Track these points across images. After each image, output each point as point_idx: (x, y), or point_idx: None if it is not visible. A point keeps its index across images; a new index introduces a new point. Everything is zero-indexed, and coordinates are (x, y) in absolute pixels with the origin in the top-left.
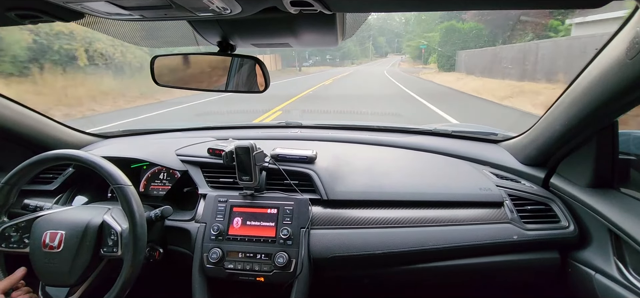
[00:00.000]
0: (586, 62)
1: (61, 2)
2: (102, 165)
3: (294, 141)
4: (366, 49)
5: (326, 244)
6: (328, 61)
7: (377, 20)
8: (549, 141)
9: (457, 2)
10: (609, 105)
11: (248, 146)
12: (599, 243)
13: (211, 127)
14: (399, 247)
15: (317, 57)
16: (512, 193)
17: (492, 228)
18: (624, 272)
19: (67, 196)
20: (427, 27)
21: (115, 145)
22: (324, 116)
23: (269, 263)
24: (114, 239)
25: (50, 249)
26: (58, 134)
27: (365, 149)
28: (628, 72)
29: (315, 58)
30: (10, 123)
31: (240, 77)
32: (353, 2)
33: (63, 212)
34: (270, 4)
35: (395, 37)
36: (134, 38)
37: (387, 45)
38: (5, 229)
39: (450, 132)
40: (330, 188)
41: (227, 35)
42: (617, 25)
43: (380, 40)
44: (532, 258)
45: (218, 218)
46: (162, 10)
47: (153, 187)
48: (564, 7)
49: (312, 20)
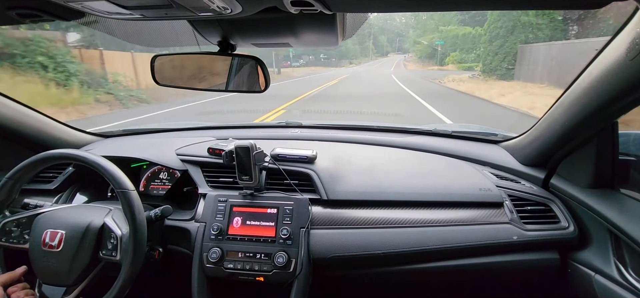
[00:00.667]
0: (586, 63)
1: (62, 1)
2: (106, 167)
3: (294, 141)
4: (366, 48)
5: (326, 244)
6: (322, 61)
7: (378, 20)
8: (549, 142)
9: (458, 3)
10: (609, 106)
11: (248, 146)
12: (598, 244)
13: (211, 127)
14: (398, 247)
15: (310, 57)
16: (512, 194)
17: (492, 228)
18: (624, 272)
19: (67, 195)
20: (442, 19)
21: (116, 145)
22: (325, 116)
23: (269, 263)
24: (114, 243)
25: (49, 248)
26: (58, 133)
27: (366, 149)
28: (628, 72)
29: (309, 57)
30: (10, 122)
31: (240, 77)
32: (353, 2)
33: (64, 211)
34: (270, 3)
35: (397, 36)
36: (135, 38)
37: (389, 44)
38: (7, 224)
39: (450, 133)
40: (330, 188)
41: (228, 35)
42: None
43: (381, 39)
44: (532, 259)
45: (218, 218)
46: (163, 9)
47: (153, 186)
48: (566, 7)
49: (312, 20)
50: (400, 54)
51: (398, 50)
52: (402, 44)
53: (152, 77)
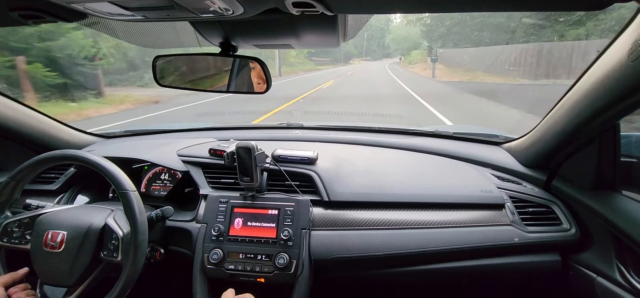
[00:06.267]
0: (588, 64)
1: (64, 2)
2: (107, 168)
3: (295, 142)
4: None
5: (327, 245)
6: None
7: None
8: (550, 143)
9: (459, 3)
10: (611, 108)
11: (249, 147)
12: (600, 245)
13: (212, 128)
14: (399, 249)
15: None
16: (513, 195)
17: (493, 230)
18: (626, 274)
19: (68, 196)
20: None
21: (117, 146)
22: (326, 117)
23: (270, 264)
24: (115, 244)
25: (51, 249)
26: (60, 133)
27: (367, 150)
28: (630, 74)
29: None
30: (12, 122)
31: (241, 78)
32: (355, 4)
33: (66, 211)
34: (272, 5)
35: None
36: (137, 39)
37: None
38: (8, 224)
39: (451, 134)
40: (331, 190)
41: (229, 36)
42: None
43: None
44: (533, 261)
45: (219, 219)
46: (165, 11)
47: (154, 187)
48: (567, 9)
49: (313, 22)
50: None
51: (386, 55)
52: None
53: (154, 77)
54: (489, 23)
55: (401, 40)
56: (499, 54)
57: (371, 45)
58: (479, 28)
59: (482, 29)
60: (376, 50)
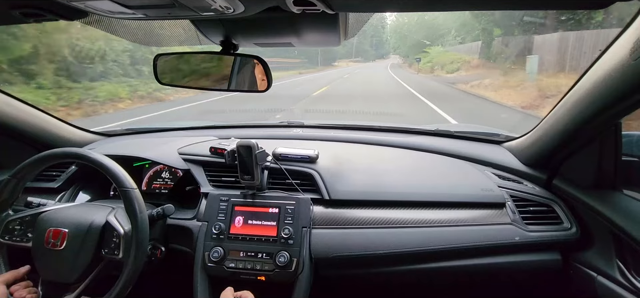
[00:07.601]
0: (590, 63)
1: (65, 0)
2: (108, 166)
3: (296, 141)
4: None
5: (327, 244)
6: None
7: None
8: (551, 142)
9: (459, 3)
10: (613, 107)
11: (250, 145)
12: (601, 245)
13: (213, 126)
14: (400, 247)
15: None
16: (514, 195)
17: (494, 229)
18: (626, 273)
19: (70, 193)
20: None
21: (118, 144)
22: (326, 115)
23: (271, 263)
24: (116, 241)
25: (52, 246)
26: (61, 131)
27: (368, 148)
28: (632, 73)
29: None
30: (13, 120)
31: (242, 76)
32: (356, 2)
33: (67, 209)
34: (273, 3)
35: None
36: (138, 37)
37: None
38: (10, 222)
39: (452, 133)
40: (332, 188)
41: (230, 35)
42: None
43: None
44: (534, 260)
45: (220, 217)
46: (166, 9)
47: (155, 185)
48: (569, 7)
49: (315, 20)
50: (384, 59)
51: (382, 56)
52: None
53: (155, 76)
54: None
55: (403, 39)
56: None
57: (363, 44)
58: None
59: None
60: (368, 49)
